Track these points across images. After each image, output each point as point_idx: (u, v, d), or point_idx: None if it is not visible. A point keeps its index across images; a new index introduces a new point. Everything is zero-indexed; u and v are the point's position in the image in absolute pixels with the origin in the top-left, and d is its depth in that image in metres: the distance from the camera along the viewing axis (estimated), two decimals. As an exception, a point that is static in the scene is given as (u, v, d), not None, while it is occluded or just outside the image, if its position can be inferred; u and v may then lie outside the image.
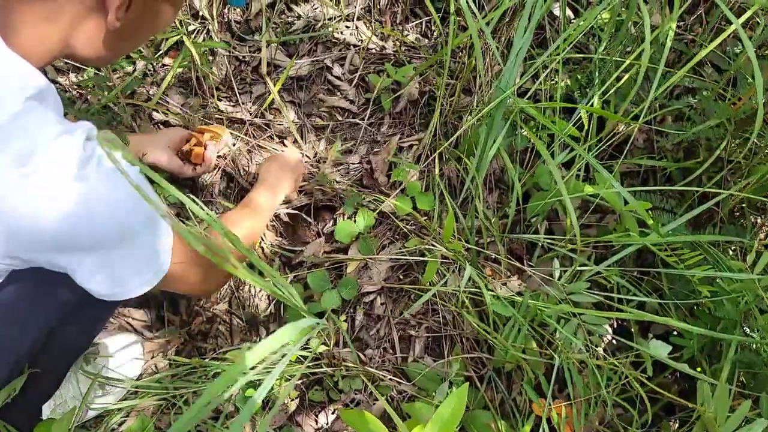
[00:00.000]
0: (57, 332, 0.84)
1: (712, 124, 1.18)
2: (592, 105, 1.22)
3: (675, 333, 1.18)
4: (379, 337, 1.29)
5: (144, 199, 0.43)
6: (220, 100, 1.41)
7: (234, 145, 1.36)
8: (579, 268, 1.14)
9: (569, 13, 1.47)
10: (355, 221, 1.28)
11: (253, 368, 0.47)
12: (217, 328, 1.25)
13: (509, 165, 1.16)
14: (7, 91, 0.61)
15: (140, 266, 0.74)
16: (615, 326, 1.33)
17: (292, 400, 1.20)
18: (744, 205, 1.30)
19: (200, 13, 1.42)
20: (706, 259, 1.11)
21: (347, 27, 1.51)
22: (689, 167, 1.29)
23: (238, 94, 1.42)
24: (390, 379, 1.20)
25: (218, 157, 1.33)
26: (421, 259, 1.26)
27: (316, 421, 1.20)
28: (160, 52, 1.39)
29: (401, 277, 1.32)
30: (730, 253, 1.24)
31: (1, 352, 0.80)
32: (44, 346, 0.86)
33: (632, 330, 1.25)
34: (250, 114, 1.41)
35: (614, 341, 1.32)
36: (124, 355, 1.17)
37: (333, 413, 1.21)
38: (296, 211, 1.34)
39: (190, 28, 1.40)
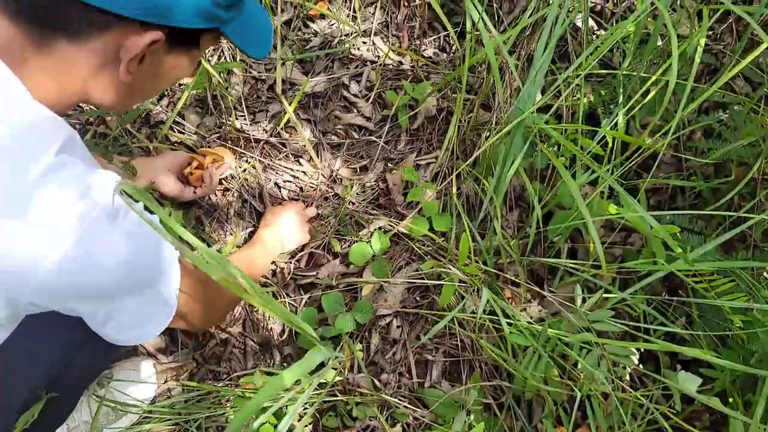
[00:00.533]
0: (73, 358, 0.84)
1: (744, 143, 1.12)
2: (616, 122, 1.17)
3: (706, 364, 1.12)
4: (395, 361, 1.25)
5: (165, 242, 0.43)
6: (237, 119, 1.40)
7: (242, 168, 1.35)
8: (603, 296, 1.10)
9: (592, 24, 1.42)
10: (370, 243, 1.26)
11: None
12: (231, 351, 1.24)
13: (529, 185, 1.11)
14: (39, 143, 0.63)
15: (154, 312, 0.78)
16: (641, 354, 1.27)
17: (305, 426, 1.18)
18: (780, 226, 1.23)
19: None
20: (738, 285, 1.05)
21: (364, 43, 1.49)
22: (720, 185, 1.23)
23: (254, 113, 1.41)
24: (405, 407, 1.17)
25: (220, 179, 1.32)
26: (438, 282, 1.22)
27: (330, 448, 1.18)
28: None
29: (418, 299, 1.29)
30: (767, 277, 1.17)
31: (19, 380, 0.80)
32: (59, 373, 0.86)
33: (659, 360, 1.19)
34: (266, 133, 1.40)
35: (640, 367, 1.27)
36: (138, 378, 1.17)
37: (347, 440, 1.18)
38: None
39: (206, 47, 1.40)
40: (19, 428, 0.78)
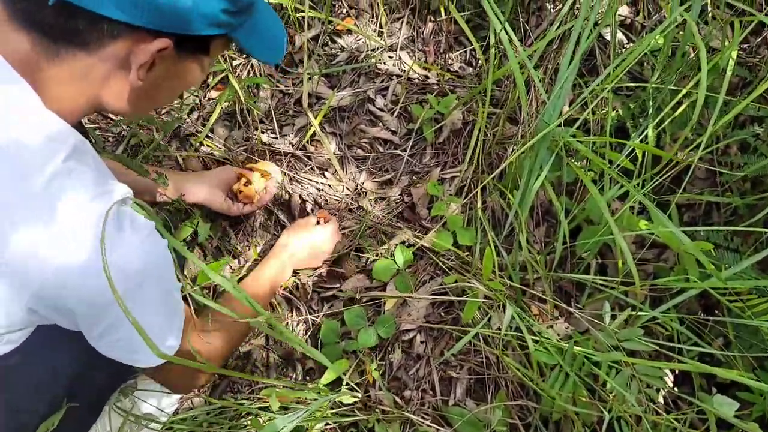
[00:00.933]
0: (94, 368, 0.85)
1: (782, 156, 1.08)
2: (645, 136, 1.14)
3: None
4: (419, 377, 1.23)
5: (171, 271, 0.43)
6: (263, 133, 1.41)
7: (283, 181, 1.36)
8: (633, 313, 1.06)
9: (621, 37, 1.40)
10: (393, 258, 1.25)
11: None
12: (254, 363, 1.23)
13: (555, 200, 1.09)
14: (47, 151, 0.63)
15: (154, 334, 0.76)
16: (676, 376, 1.22)
17: (327, 442, 1.16)
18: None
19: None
20: (777, 305, 1.00)
21: (390, 57, 1.49)
22: (757, 201, 1.19)
23: (280, 127, 1.42)
24: (428, 425, 1.14)
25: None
26: (459, 298, 1.20)
27: (351, 465, 1.16)
28: (209, 87, 1.41)
29: (442, 314, 1.27)
30: (807, 296, 1.12)
31: (39, 389, 0.81)
32: (80, 382, 0.87)
33: (694, 382, 1.15)
34: (292, 146, 1.41)
35: (674, 389, 1.22)
36: (161, 389, 1.17)
37: (369, 457, 1.16)
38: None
39: (235, 62, 1.42)
40: None
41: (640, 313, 1.05)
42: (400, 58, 1.49)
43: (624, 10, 1.39)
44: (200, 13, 0.65)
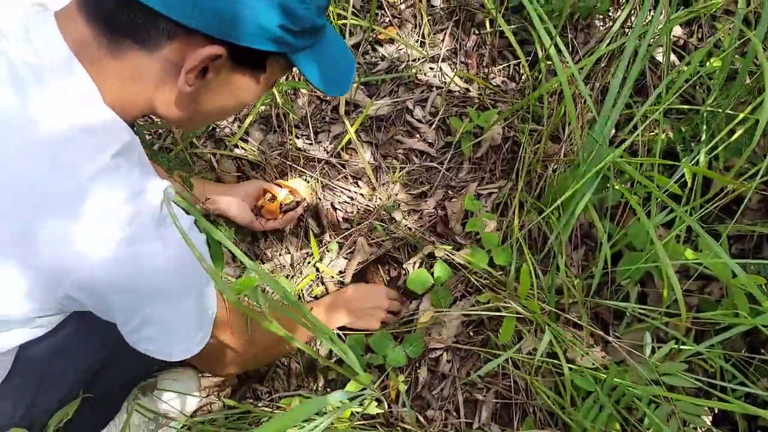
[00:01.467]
0: (120, 360, 0.84)
1: None
2: (697, 162, 1.09)
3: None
4: (443, 397, 1.19)
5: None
6: (298, 138, 1.40)
7: (312, 201, 1.34)
8: (676, 347, 1.01)
9: (674, 58, 1.35)
10: (431, 270, 1.21)
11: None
12: (275, 370, 1.21)
13: (598, 224, 1.05)
14: (98, 144, 0.63)
15: (185, 332, 0.75)
16: (715, 415, 1.16)
17: (345, 457, 1.13)
18: None
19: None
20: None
21: (431, 69, 1.47)
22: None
23: (316, 133, 1.41)
24: (451, 448, 1.10)
25: (289, 211, 1.28)
26: (495, 314, 1.16)
27: (369, 484, 1.12)
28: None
29: (471, 334, 1.22)
30: None
31: (60, 379, 0.80)
32: (103, 375, 0.86)
33: (737, 423, 1.08)
34: (327, 153, 1.39)
35: (714, 429, 1.15)
36: (181, 389, 1.15)
37: (387, 477, 1.12)
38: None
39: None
40: (52, 427, 0.77)
41: (683, 347, 0.99)
42: (441, 69, 1.46)
43: (677, 31, 1.34)
44: (258, 25, 0.63)
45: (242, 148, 1.37)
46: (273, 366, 1.22)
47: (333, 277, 1.28)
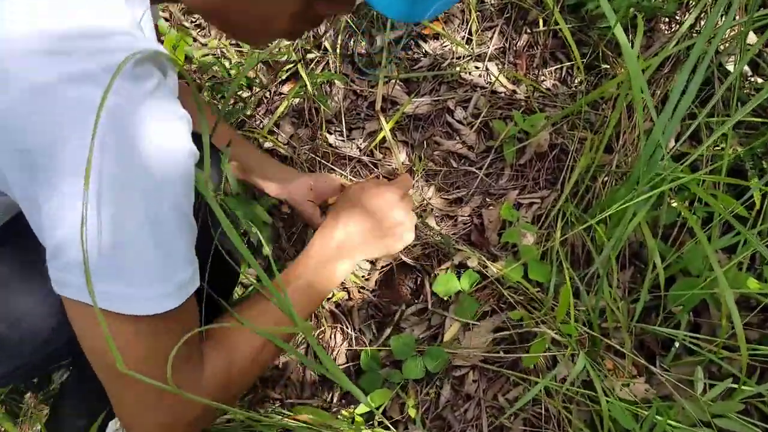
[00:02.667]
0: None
1: None
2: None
3: None
4: (466, 420, 1.10)
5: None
6: (331, 134, 1.33)
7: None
8: (733, 386, 0.89)
9: (746, 68, 1.23)
10: (459, 276, 1.13)
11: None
12: (289, 377, 1.14)
13: (651, 242, 0.94)
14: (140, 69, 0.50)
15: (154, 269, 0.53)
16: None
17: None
18: None
19: (322, 44, 1.37)
20: None
21: (476, 68, 1.38)
22: None
23: (349, 129, 1.34)
24: (471, 477, 1.01)
25: None
26: (526, 331, 1.07)
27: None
28: (279, 79, 1.36)
29: (502, 353, 1.13)
30: None
31: None
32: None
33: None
34: (360, 151, 1.32)
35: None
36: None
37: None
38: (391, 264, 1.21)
39: (309, 56, 1.36)
40: None
41: (743, 387, 0.88)
42: (487, 69, 1.38)
43: (752, 38, 1.22)
44: None
45: (271, 140, 1.31)
46: (287, 373, 1.15)
47: (355, 282, 1.21)
